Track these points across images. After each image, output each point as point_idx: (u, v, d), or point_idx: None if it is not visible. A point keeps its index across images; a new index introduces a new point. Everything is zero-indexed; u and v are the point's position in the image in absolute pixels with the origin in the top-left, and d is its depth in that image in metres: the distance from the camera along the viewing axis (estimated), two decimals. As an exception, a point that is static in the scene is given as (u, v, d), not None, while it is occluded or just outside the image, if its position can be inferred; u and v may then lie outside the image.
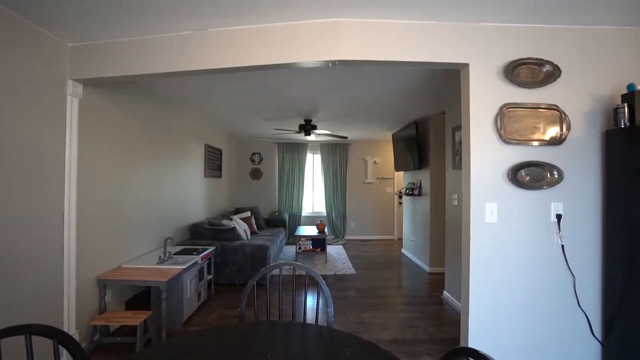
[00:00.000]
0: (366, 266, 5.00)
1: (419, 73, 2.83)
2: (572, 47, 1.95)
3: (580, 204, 1.92)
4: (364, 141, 7.16)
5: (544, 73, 1.93)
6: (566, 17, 1.87)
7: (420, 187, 4.87)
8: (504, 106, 1.90)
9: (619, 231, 1.82)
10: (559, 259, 1.91)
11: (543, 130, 1.93)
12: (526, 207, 1.91)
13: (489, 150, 1.89)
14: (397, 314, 3.21)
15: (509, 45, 1.93)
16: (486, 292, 1.89)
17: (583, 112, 1.94)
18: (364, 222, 7.19)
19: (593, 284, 1.93)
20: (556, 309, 1.92)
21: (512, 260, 1.90)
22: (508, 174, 1.89)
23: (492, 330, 1.90)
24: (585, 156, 1.93)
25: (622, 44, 1.98)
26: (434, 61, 1.94)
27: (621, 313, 1.80)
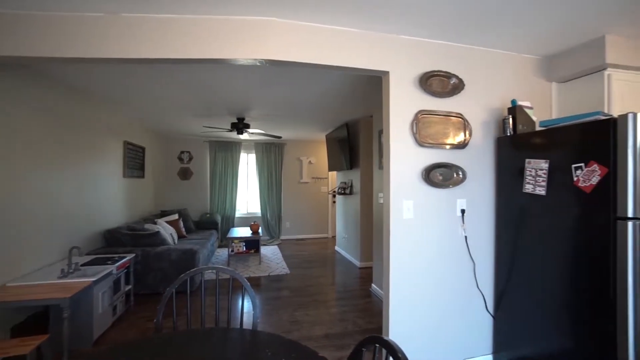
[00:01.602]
0: (300, 265, 5.05)
1: (349, 77, 2.96)
2: (474, 64, 2.25)
3: (479, 200, 2.23)
4: (299, 141, 7.23)
5: (451, 85, 2.19)
6: (470, 38, 2.14)
7: (352, 186, 5.12)
8: (419, 112, 2.10)
9: (505, 221, 2.16)
10: (462, 248, 2.19)
11: (451, 136, 2.18)
12: (437, 204, 2.14)
13: (406, 152, 2.08)
14: (328, 309, 3.31)
15: (423, 57, 2.14)
16: (404, 280, 2.08)
17: (481, 121, 2.26)
18: (300, 221, 7.26)
19: (488, 268, 2.26)
20: (460, 291, 2.20)
21: (426, 251, 2.12)
22: (422, 174, 2.10)
23: (410, 312, 2.09)
24: (482, 159, 2.25)
25: (510, 66, 2.35)
26: (359, 67, 2.05)
27: (507, 290, 2.14)
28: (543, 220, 1.88)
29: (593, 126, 1.62)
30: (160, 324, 1.45)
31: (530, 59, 2.42)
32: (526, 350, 1.99)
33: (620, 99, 2.16)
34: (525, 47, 2.29)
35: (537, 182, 1.89)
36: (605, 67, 2.14)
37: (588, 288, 1.64)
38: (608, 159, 1.54)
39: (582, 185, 1.64)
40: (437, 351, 2.15)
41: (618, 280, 1.51)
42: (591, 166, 1.60)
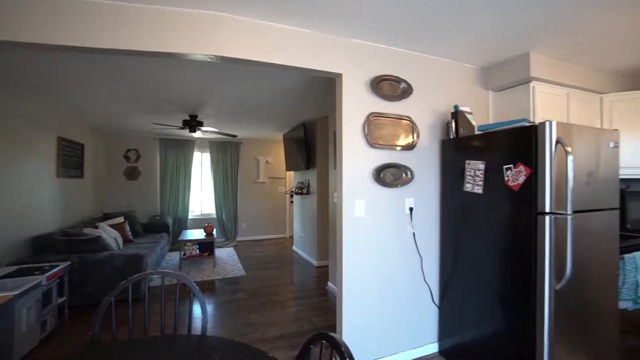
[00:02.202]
0: (257, 266, 4.97)
1: (305, 78, 2.97)
2: (421, 70, 2.39)
3: (425, 198, 2.37)
4: (255, 140, 7.10)
5: (400, 89, 2.30)
6: (418, 46, 2.27)
7: (309, 186, 5.15)
8: (370, 114, 2.17)
9: (449, 218, 2.32)
10: (411, 244, 2.31)
11: (401, 137, 2.30)
12: (388, 203, 2.24)
13: (358, 153, 2.14)
14: (285, 309, 3.30)
15: (375, 62, 2.23)
16: (356, 276, 2.14)
17: (428, 124, 2.40)
18: (257, 222, 7.13)
19: (434, 262, 2.42)
20: (409, 284, 2.32)
21: (377, 248, 2.20)
22: (374, 174, 2.18)
23: (362, 306, 2.16)
24: (429, 160, 2.39)
25: (453, 74, 2.54)
26: (313, 68, 2.07)
27: (450, 282, 2.31)
28: (480, 216, 2.06)
29: (519, 131, 1.81)
30: (97, 336, 1.33)
31: (471, 69, 2.63)
32: (466, 336, 2.16)
33: (543, 108, 2.45)
34: (467, 58, 2.49)
35: (476, 182, 2.06)
36: (530, 79, 2.40)
37: (515, 274, 1.83)
38: (531, 160, 1.73)
39: (512, 184, 1.83)
40: (389, 342, 2.25)
41: (538, 265, 1.70)
42: (518, 167, 1.79)
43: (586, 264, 1.84)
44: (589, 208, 1.84)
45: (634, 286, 2.14)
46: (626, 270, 2.10)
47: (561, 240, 1.67)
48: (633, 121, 2.71)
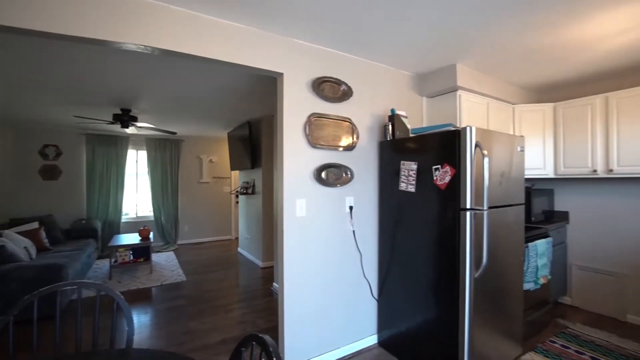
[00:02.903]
0: (199, 270, 4.73)
1: (250, 76, 2.90)
2: (361, 74, 2.48)
3: (365, 197, 2.48)
4: (198, 138, 6.75)
5: (341, 91, 2.37)
6: (358, 50, 2.36)
7: (254, 186, 5.05)
8: (311, 115, 2.20)
9: (386, 216, 2.46)
10: (351, 241, 2.40)
11: (342, 138, 2.36)
12: (329, 202, 2.29)
13: (299, 152, 2.16)
14: (227, 314, 3.19)
15: (317, 63, 2.26)
16: (297, 275, 2.15)
17: (367, 126, 2.51)
18: (200, 224, 6.78)
19: (373, 258, 2.54)
20: (350, 280, 2.41)
21: (318, 246, 2.24)
22: (315, 174, 2.21)
23: (304, 304, 2.18)
24: (368, 160, 2.50)
25: (391, 79, 2.68)
26: (254, 66, 2.03)
27: (388, 276, 2.44)
28: (413, 213, 2.21)
29: (445, 135, 1.99)
30: (-9, 360, 1.15)
31: (407, 75, 2.81)
32: (402, 325, 2.31)
33: (467, 114, 2.71)
34: (403, 65, 2.66)
35: (409, 181, 2.21)
36: (457, 88, 2.64)
37: (443, 265, 2.00)
38: (455, 162, 1.91)
39: (439, 183, 1.99)
40: (331, 337, 2.31)
41: (460, 255, 1.89)
42: (445, 168, 1.96)
43: (499, 253, 2.09)
44: (502, 204, 2.09)
45: (534, 270, 2.48)
46: (529, 257, 2.43)
47: (480, 233, 1.88)
48: (535, 129, 3.14)
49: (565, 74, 2.89)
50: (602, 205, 3.08)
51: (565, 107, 3.05)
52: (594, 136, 2.86)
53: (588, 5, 1.76)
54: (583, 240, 3.20)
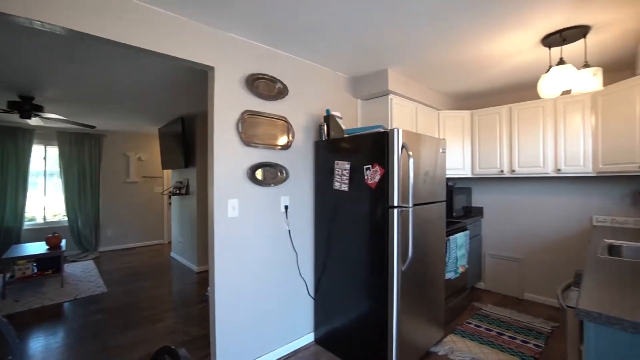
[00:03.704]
0: (125, 279, 4.28)
1: (182, 69, 2.69)
2: (297, 73, 2.48)
3: (300, 196, 2.48)
4: (125, 134, 6.11)
5: (277, 89, 2.34)
6: (294, 49, 2.34)
7: (188, 185, 4.74)
8: (245, 112, 2.13)
9: (322, 215, 2.49)
10: (287, 241, 2.38)
11: (277, 137, 2.33)
12: (263, 201, 2.24)
13: (232, 151, 2.07)
14: (156, 324, 2.94)
15: (250, 59, 2.19)
16: (231, 278, 2.07)
17: (303, 125, 2.52)
18: (127, 228, 6.14)
19: (309, 256, 2.55)
20: (286, 280, 2.39)
21: (252, 247, 2.18)
22: (248, 173, 2.15)
23: (238, 308, 2.10)
24: (304, 159, 2.51)
25: (327, 80, 2.73)
26: (183, 58, 1.89)
27: (323, 274, 2.48)
28: (347, 212, 2.27)
29: (375, 136, 2.08)
30: None
31: (343, 77, 2.89)
32: (337, 322, 2.36)
33: (398, 118, 2.88)
34: (339, 67, 2.72)
35: (343, 180, 2.27)
36: (388, 92, 2.79)
37: (373, 260, 2.09)
38: (384, 162, 2.01)
39: (370, 182, 2.08)
40: (268, 339, 2.26)
41: (389, 250, 2.00)
42: (375, 167, 2.05)
43: (424, 246, 2.27)
44: (426, 201, 2.27)
45: (455, 260, 2.75)
46: (450, 249, 2.69)
47: (406, 229, 2.01)
48: (456, 133, 3.48)
49: (481, 85, 3.25)
50: (507, 201, 3.54)
51: (480, 115, 3.43)
52: (502, 141, 3.27)
53: (492, 28, 2.00)
54: (493, 232, 3.64)
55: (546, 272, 3.26)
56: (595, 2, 1.77)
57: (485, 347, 2.46)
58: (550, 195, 3.25)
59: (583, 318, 1.03)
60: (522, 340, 2.56)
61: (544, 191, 3.30)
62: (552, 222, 3.23)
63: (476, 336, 2.62)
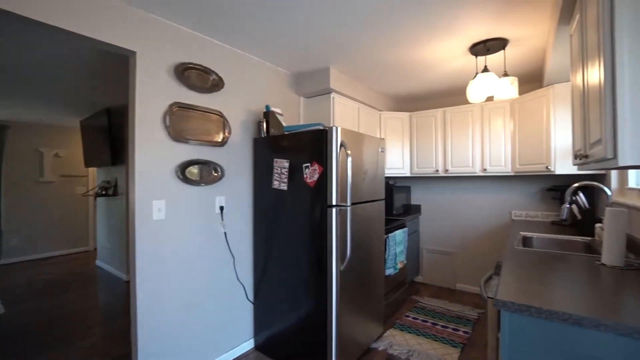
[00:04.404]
0: (33, 295, 3.69)
1: (109, 55, 2.37)
2: (235, 65, 2.33)
3: (237, 196, 2.34)
4: (37, 126, 5.29)
5: (211, 81, 2.17)
6: (231, 40, 2.19)
7: (116, 185, 4.26)
8: (174, 104, 1.94)
9: (261, 215, 2.38)
10: (222, 243, 2.23)
11: (211, 133, 2.16)
12: (195, 202, 2.07)
13: (158, 147, 1.87)
14: (69, 347, 2.55)
15: (180, 46, 2.00)
16: (157, 286, 1.86)
17: (241, 121, 2.38)
18: (39, 234, 5.33)
19: (248, 259, 2.43)
20: (222, 285, 2.24)
21: (183, 252, 2.00)
22: (177, 171, 1.96)
23: (168, 319, 1.90)
24: (241, 157, 2.38)
25: (267, 74, 2.62)
26: (95, 38, 1.65)
27: (264, 277, 2.38)
28: (286, 211, 2.20)
29: (314, 134, 2.04)
30: None
31: (285, 73, 2.81)
32: (278, 326, 2.27)
33: (340, 117, 2.89)
34: (280, 62, 2.63)
35: (282, 179, 2.19)
36: (330, 91, 2.78)
37: (313, 261, 2.05)
38: (323, 160, 1.98)
39: (309, 181, 2.03)
40: (203, 351, 2.09)
41: (327, 249, 1.97)
42: (314, 166, 2.01)
43: (364, 244, 2.28)
44: (365, 200, 2.29)
45: (394, 257, 2.84)
46: (389, 246, 2.77)
47: (344, 228, 1.99)
48: (397, 134, 3.62)
49: (419, 88, 3.41)
50: (442, 198, 3.78)
51: (418, 117, 3.60)
52: (437, 142, 3.47)
53: (425, 32, 2.08)
54: (430, 228, 3.86)
55: (474, 264, 3.54)
56: (512, 17, 1.94)
57: (421, 338, 2.57)
58: (478, 192, 3.54)
59: (500, 308, 1.09)
60: (453, 328, 2.73)
61: (473, 189, 3.58)
62: (479, 217, 3.52)
63: (413, 328, 2.74)
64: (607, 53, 0.92)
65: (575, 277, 1.30)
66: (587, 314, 0.94)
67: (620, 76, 0.88)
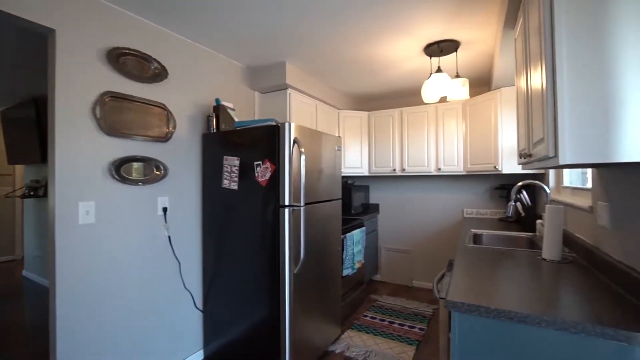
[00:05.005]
0: (-60, 314, 3.15)
1: (31, 34, 2.04)
2: (179, 54, 2.14)
3: (184, 197, 2.15)
4: (-50, 117, 4.55)
5: (152, 70, 1.96)
6: (177, 26, 2.00)
7: (47, 185, 3.78)
8: (106, 94, 1.71)
9: (211, 216, 2.22)
10: (166, 248, 2.03)
11: (152, 127, 1.96)
12: (133, 203, 1.85)
13: (86, 141, 1.64)
14: (-22, 372, 2.19)
15: (113, 28, 1.77)
16: (86, 302, 1.63)
17: (188, 115, 2.19)
18: (-48, 243, 4.61)
19: (196, 264, 2.24)
20: (166, 293, 2.04)
21: (118, 258, 1.78)
22: (111, 169, 1.73)
23: (97, 337, 1.67)
24: (188, 154, 2.19)
25: (219, 67, 2.45)
26: (5, 10, 1.39)
27: (214, 282, 2.21)
28: (237, 212, 2.06)
29: (266, 130, 1.93)
30: None
31: (239, 66, 2.65)
32: (230, 334, 2.12)
33: (297, 114, 2.80)
34: (235, 54, 2.47)
35: (232, 178, 2.04)
36: (287, 87, 2.67)
37: (265, 265, 1.93)
38: (275, 158, 1.87)
39: (261, 180, 1.91)
40: (139, 371, 1.88)
41: (280, 252, 1.87)
42: (266, 164, 1.89)
43: (320, 246, 2.21)
44: (321, 199, 2.22)
45: (352, 257, 2.81)
46: (347, 246, 2.73)
47: (298, 229, 1.90)
48: (355, 133, 3.61)
49: (377, 87, 3.42)
50: (399, 197, 3.84)
51: (376, 116, 3.62)
52: (394, 142, 3.52)
53: (381, 30, 2.06)
54: (388, 226, 3.90)
55: (430, 261, 3.64)
56: (463, 20, 1.98)
57: (379, 338, 2.56)
58: (433, 191, 3.64)
59: (451, 309, 1.07)
60: (410, 326, 2.76)
61: (428, 188, 3.67)
62: (434, 215, 3.63)
63: (371, 328, 2.72)
64: (548, 58, 0.95)
65: (520, 274, 1.33)
66: (530, 311, 0.95)
67: (560, 80, 0.91)
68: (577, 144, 0.89)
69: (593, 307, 0.98)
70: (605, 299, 1.06)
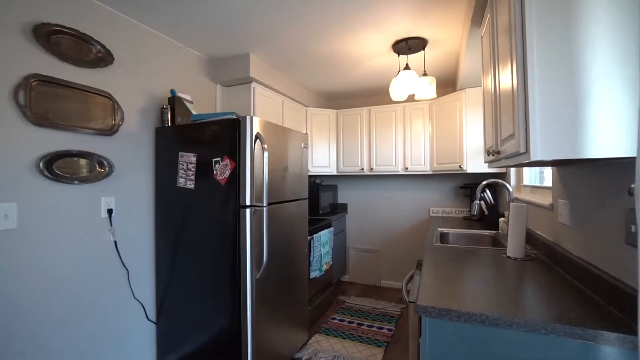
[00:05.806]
0: None
1: None
2: (128, 38, 1.92)
3: (133, 197, 1.93)
4: None
5: (94, 54, 1.73)
6: (118, 2, 1.78)
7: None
8: (32, 77, 1.47)
9: (165, 219, 2.01)
10: (112, 255, 1.81)
11: (94, 118, 1.73)
12: (70, 204, 1.62)
13: (5, 131, 1.39)
14: None
15: (44, 2, 1.53)
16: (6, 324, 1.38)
17: (138, 107, 1.98)
18: None
19: (148, 272, 2.03)
20: (112, 304, 1.81)
21: (49, 269, 1.53)
22: (40, 165, 1.50)
23: None
24: (139, 149, 1.97)
25: (176, 56, 2.25)
26: None
27: (169, 291, 2.01)
28: (194, 213, 1.88)
29: (226, 124, 1.77)
30: None
31: (198, 57, 2.45)
32: (188, 346, 1.94)
33: (263, 109, 2.65)
34: (193, 43, 2.28)
35: (188, 176, 1.86)
36: (251, 80, 2.52)
37: (224, 270, 1.78)
38: (235, 155, 1.72)
39: (220, 178, 1.76)
40: (75, 397, 1.64)
41: (241, 256, 1.72)
42: (225, 161, 1.74)
43: (285, 248, 2.09)
44: (286, 199, 2.10)
45: (319, 259, 2.72)
46: (314, 247, 2.63)
47: (261, 231, 1.77)
48: (323, 132, 3.53)
49: (345, 85, 3.36)
50: (367, 197, 3.82)
51: (345, 114, 3.56)
52: (362, 141, 3.48)
53: (348, 24, 1.98)
54: (356, 226, 3.86)
55: (398, 260, 3.65)
56: (431, 17, 1.95)
57: (347, 341, 2.49)
58: (401, 191, 3.65)
59: (421, 314, 1.01)
60: (378, 327, 2.72)
61: (396, 187, 3.68)
62: (402, 214, 3.64)
63: (339, 331, 2.65)
64: (519, 54, 0.93)
65: (488, 274, 1.31)
66: (501, 314, 0.91)
67: (531, 76, 0.89)
68: (548, 139, 0.86)
69: (560, 306, 0.97)
70: (570, 295, 1.05)
